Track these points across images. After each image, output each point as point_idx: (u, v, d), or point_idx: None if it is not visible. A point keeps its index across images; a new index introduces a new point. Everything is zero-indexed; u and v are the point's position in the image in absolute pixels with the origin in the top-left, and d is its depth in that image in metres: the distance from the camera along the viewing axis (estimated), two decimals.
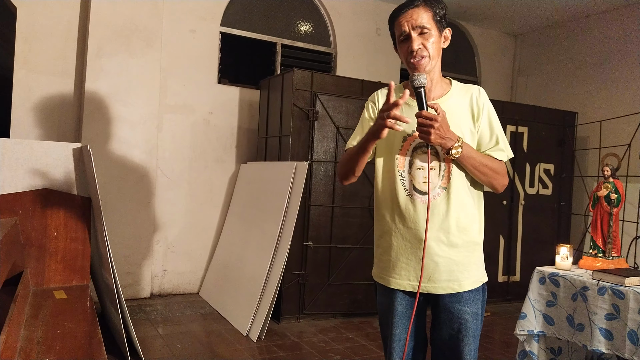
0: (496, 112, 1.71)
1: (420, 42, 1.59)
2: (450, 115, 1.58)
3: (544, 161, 4.99)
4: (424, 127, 1.50)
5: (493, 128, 1.66)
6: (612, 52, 5.24)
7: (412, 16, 1.58)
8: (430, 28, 1.58)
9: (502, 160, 1.66)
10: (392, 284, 1.68)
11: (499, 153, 1.65)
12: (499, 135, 1.66)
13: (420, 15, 1.58)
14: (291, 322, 3.90)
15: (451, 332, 1.65)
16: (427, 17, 1.58)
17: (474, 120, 1.65)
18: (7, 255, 1.96)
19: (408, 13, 1.59)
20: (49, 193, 2.82)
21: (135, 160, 4.18)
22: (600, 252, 2.67)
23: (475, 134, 1.65)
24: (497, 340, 3.79)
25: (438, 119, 1.49)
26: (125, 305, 2.85)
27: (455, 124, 1.59)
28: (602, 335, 2.30)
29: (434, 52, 1.60)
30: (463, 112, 1.64)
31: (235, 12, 4.80)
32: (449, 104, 1.63)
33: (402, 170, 1.64)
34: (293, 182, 3.66)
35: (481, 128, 1.65)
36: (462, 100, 1.66)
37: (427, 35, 1.59)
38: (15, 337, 1.81)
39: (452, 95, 1.67)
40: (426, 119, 1.50)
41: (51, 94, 4.05)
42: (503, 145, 1.66)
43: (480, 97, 1.66)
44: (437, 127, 1.49)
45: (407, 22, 1.59)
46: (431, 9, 1.59)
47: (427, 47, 1.59)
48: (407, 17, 1.59)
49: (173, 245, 4.50)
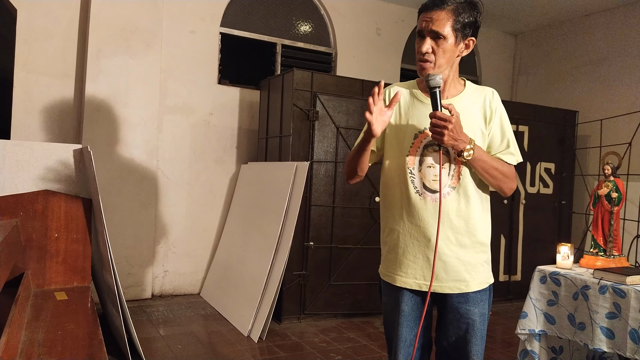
0: None
1: (430, 46, 1.56)
2: (463, 115, 1.58)
3: (544, 160, 4.99)
4: (437, 127, 1.50)
5: (505, 131, 1.65)
6: (612, 50, 5.24)
7: (432, 18, 1.54)
8: (445, 36, 1.54)
9: (512, 164, 1.65)
10: (398, 282, 1.67)
11: (509, 157, 1.64)
12: (510, 139, 1.65)
13: (441, 20, 1.53)
14: (292, 322, 3.90)
15: (459, 333, 1.64)
16: (447, 24, 1.54)
17: (486, 122, 1.64)
18: (8, 256, 1.96)
19: (431, 13, 1.55)
20: (50, 194, 2.82)
21: (135, 161, 4.18)
22: (601, 251, 2.67)
23: (486, 135, 1.64)
24: (498, 339, 3.79)
25: (452, 120, 1.48)
26: (127, 306, 2.85)
27: (467, 124, 1.59)
28: (603, 334, 2.30)
29: (441, 61, 1.57)
30: (475, 113, 1.64)
31: (235, 13, 4.80)
32: (461, 104, 1.63)
33: (412, 168, 1.63)
34: (293, 182, 3.66)
35: (492, 131, 1.64)
36: (475, 101, 1.65)
37: (440, 42, 1.55)
38: (16, 339, 1.81)
39: (465, 95, 1.66)
40: (440, 120, 1.49)
41: (51, 96, 4.05)
42: (514, 149, 1.65)
43: (493, 100, 1.66)
44: (450, 128, 1.48)
45: (425, 22, 1.56)
46: (455, 15, 1.54)
47: (436, 54, 1.56)
48: (428, 17, 1.55)
49: (174, 246, 4.50)
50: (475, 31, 1.61)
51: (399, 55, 5.53)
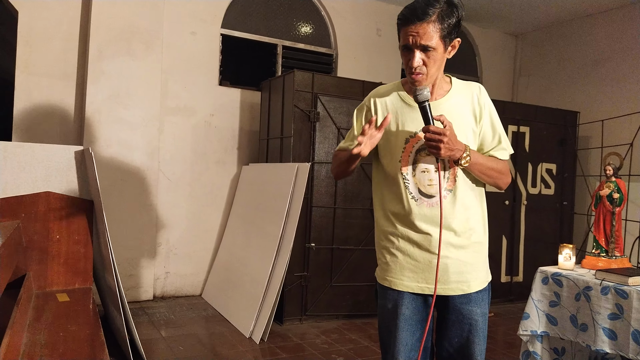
0: (497, 112, 1.70)
1: (420, 58, 1.51)
2: (453, 116, 1.57)
3: (546, 161, 4.98)
4: (432, 141, 1.48)
5: (495, 127, 1.65)
6: (613, 50, 5.24)
7: (419, 33, 1.47)
8: (435, 47, 1.49)
9: (505, 159, 1.66)
10: (400, 287, 1.65)
11: (501, 152, 1.65)
12: (501, 134, 1.65)
13: (428, 33, 1.47)
14: (294, 323, 3.89)
15: (461, 334, 1.64)
16: (435, 36, 1.48)
17: (476, 120, 1.63)
18: (10, 258, 1.96)
19: (416, 27, 1.47)
20: (51, 196, 2.82)
21: (136, 163, 4.18)
22: (603, 252, 2.66)
23: (477, 134, 1.64)
24: (500, 340, 3.78)
25: (447, 132, 1.47)
26: (128, 307, 2.85)
27: (458, 124, 1.57)
28: (605, 335, 2.29)
29: (433, 70, 1.53)
30: (465, 112, 1.63)
31: (235, 14, 4.80)
32: (450, 104, 1.62)
33: (406, 174, 1.62)
34: (295, 183, 3.66)
35: (483, 128, 1.64)
36: (463, 100, 1.64)
37: (430, 54, 1.50)
38: (18, 340, 1.81)
39: (452, 95, 1.64)
40: (434, 134, 1.47)
41: (53, 97, 4.05)
42: (505, 144, 1.66)
43: (481, 96, 1.65)
44: (446, 141, 1.47)
45: (412, 37, 1.49)
46: (440, 24, 1.48)
47: (428, 65, 1.52)
48: (414, 31, 1.48)
49: (175, 247, 4.50)
50: (459, 29, 1.57)
51: (399, 57, 5.50)
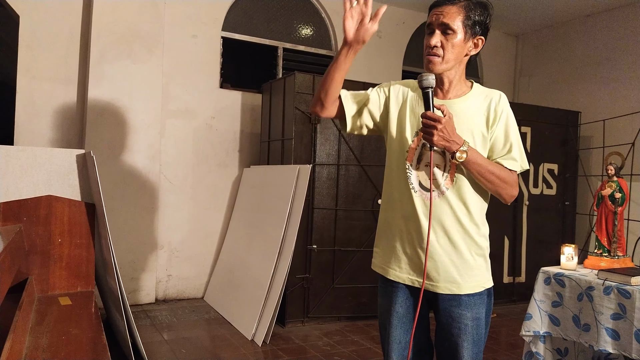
0: None
1: (439, 40, 1.56)
2: (463, 117, 1.57)
3: (547, 161, 4.97)
4: (427, 127, 1.50)
5: (508, 136, 1.60)
6: (614, 50, 5.23)
7: (444, 12, 1.55)
8: (455, 30, 1.54)
9: (514, 170, 1.60)
10: (391, 275, 1.68)
11: (510, 162, 1.59)
12: (514, 144, 1.60)
13: (452, 14, 1.54)
14: (296, 325, 3.89)
15: (450, 337, 1.63)
16: (458, 18, 1.54)
17: (488, 125, 1.60)
18: (12, 262, 1.96)
19: (441, 8, 1.56)
20: (53, 199, 2.83)
21: (138, 166, 4.19)
22: (605, 252, 2.66)
23: (487, 139, 1.61)
24: (503, 341, 3.77)
25: (442, 120, 1.48)
26: (130, 310, 2.86)
27: (467, 126, 1.58)
28: (608, 336, 2.29)
29: (450, 56, 1.56)
30: (478, 115, 1.61)
31: (236, 17, 4.81)
32: (464, 106, 1.61)
33: (409, 165, 1.64)
34: (296, 185, 3.66)
35: (495, 134, 1.60)
36: (479, 104, 1.62)
37: (450, 36, 1.55)
38: (20, 344, 1.82)
39: (469, 97, 1.63)
40: (430, 120, 1.49)
41: (54, 101, 4.06)
42: (517, 155, 1.60)
43: (499, 104, 1.61)
44: (440, 128, 1.48)
45: (436, 16, 1.56)
46: (466, 11, 1.55)
47: (445, 48, 1.56)
48: (439, 11, 1.56)
49: (177, 250, 4.51)
50: (485, 32, 1.61)
51: (400, 58, 5.53)
